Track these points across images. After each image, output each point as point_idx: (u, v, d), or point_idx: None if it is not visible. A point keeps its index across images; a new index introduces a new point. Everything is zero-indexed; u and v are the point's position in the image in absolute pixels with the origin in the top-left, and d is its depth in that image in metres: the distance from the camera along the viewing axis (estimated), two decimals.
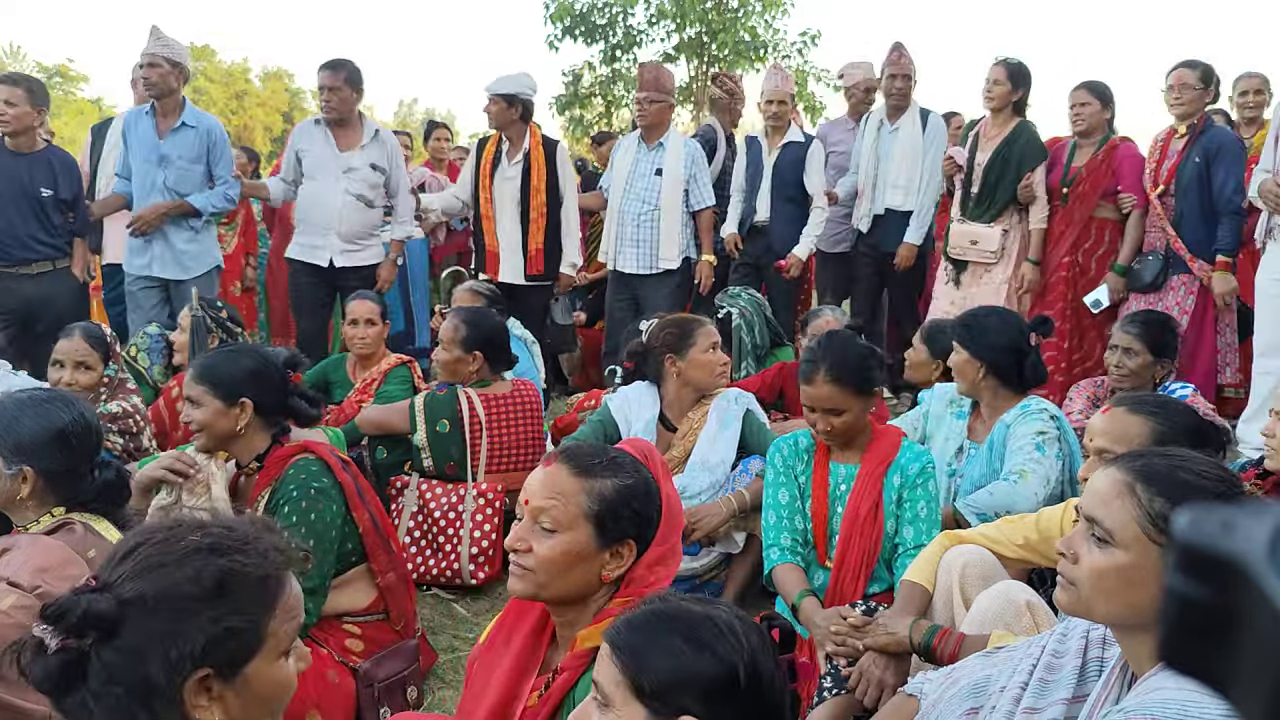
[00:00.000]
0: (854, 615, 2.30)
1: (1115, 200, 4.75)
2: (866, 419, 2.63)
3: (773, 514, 2.63)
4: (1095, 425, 2.11)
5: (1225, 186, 4.42)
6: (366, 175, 4.94)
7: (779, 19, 15.66)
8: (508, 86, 5.06)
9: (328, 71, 4.90)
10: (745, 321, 4.38)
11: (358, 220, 4.95)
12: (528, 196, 5.10)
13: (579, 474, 1.57)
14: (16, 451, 2.01)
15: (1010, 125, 4.91)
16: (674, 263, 5.19)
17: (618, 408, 3.29)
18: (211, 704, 1.17)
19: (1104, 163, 4.74)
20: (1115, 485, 1.39)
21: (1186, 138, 4.55)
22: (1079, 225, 4.80)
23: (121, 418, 3.22)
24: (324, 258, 4.94)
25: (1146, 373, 3.35)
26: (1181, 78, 4.55)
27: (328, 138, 4.94)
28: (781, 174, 5.41)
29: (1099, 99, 4.76)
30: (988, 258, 4.97)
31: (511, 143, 5.16)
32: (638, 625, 1.24)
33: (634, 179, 5.22)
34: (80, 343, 3.25)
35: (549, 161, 5.13)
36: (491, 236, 5.20)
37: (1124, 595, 1.35)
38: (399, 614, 2.54)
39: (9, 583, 1.75)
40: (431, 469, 3.43)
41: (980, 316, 3.05)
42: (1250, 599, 0.42)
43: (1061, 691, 1.50)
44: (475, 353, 3.50)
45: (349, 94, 4.89)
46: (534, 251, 5.13)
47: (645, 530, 1.60)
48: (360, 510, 2.46)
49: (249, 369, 2.44)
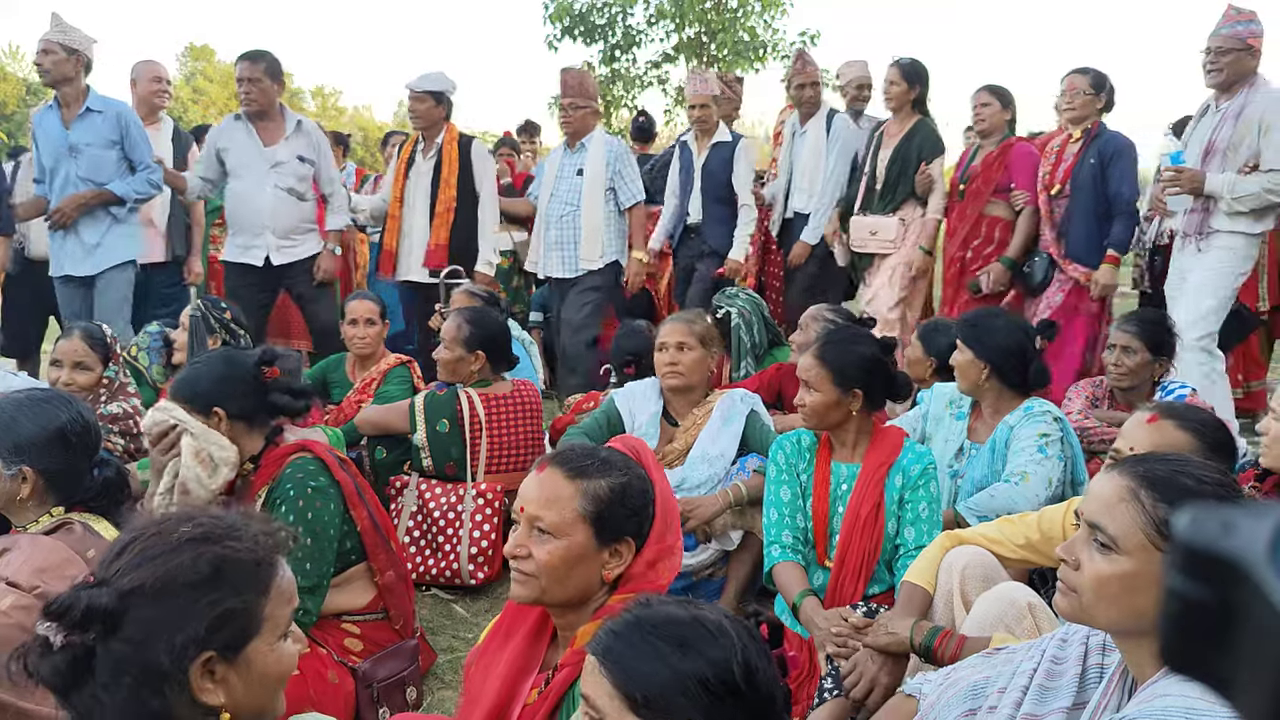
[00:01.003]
0: (855, 616, 2.30)
1: (1008, 198, 4.88)
2: (863, 420, 2.63)
3: (774, 511, 2.63)
4: (1137, 435, 2.08)
5: (1121, 188, 4.55)
6: (295, 168, 4.85)
7: (778, 19, 15.66)
8: (436, 84, 5.02)
9: (246, 62, 4.78)
10: (744, 321, 4.38)
11: (291, 215, 4.86)
12: (436, 191, 5.07)
13: (572, 476, 1.58)
14: (16, 452, 2.01)
15: (910, 122, 5.13)
16: (595, 263, 5.14)
17: (623, 401, 3.31)
18: (216, 686, 1.22)
19: (998, 161, 4.90)
20: (1118, 491, 1.38)
21: (1081, 142, 4.69)
22: (970, 221, 4.95)
23: (122, 419, 3.22)
24: (259, 256, 4.85)
25: (1145, 371, 3.35)
26: (1074, 84, 4.71)
27: (250, 133, 4.83)
28: (711, 175, 5.49)
29: (1000, 100, 4.97)
30: (887, 247, 5.15)
31: (428, 140, 5.13)
32: (622, 634, 1.20)
33: (558, 183, 5.23)
34: (79, 343, 3.24)
35: (463, 157, 5.09)
36: (392, 236, 5.16)
37: (1127, 602, 1.34)
38: (398, 613, 2.54)
39: (8, 583, 1.75)
40: (431, 469, 3.43)
41: (986, 317, 3.04)
42: (1250, 599, 0.42)
43: (1062, 700, 1.49)
44: (478, 352, 3.50)
45: (269, 85, 4.79)
46: (434, 246, 5.07)
47: (642, 526, 1.60)
48: (359, 509, 2.46)
49: (214, 377, 2.42)
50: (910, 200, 5.15)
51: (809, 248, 5.51)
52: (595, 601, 1.60)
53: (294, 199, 4.86)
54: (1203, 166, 4.07)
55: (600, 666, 1.19)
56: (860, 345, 2.65)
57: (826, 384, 2.57)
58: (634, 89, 16.11)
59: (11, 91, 36.59)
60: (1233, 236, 4.04)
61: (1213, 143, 4.08)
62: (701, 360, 3.22)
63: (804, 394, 2.61)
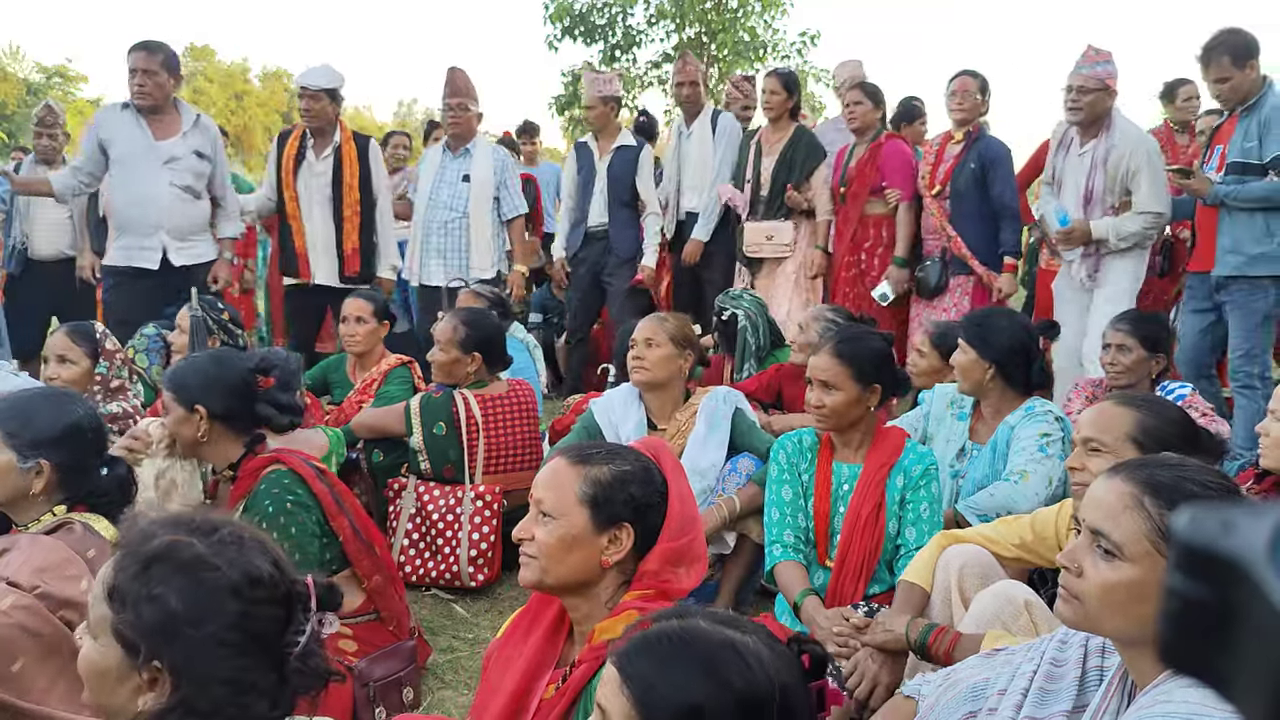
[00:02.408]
0: (856, 616, 2.30)
1: (884, 196, 4.97)
2: (870, 417, 2.64)
3: (775, 511, 2.63)
4: (1083, 417, 2.12)
5: (1004, 193, 4.72)
6: (192, 164, 4.51)
7: (778, 19, 15.69)
8: (330, 80, 4.90)
9: (141, 53, 4.43)
10: (750, 323, 4.38)
11: (188, 213, 4.52)
12: (340, 193, 4.87)
13: (576, 462, 1.63)
14: (35, 445, 2.01)
15: (790, 130, 5.27)
16: (487, 272, 5.04)
17: (601, 413, 3.25)
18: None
19: (870, 160, 5.01)
20: (1122, 498, 1.36)
21: (963, 143, 4.80)
22: (854, 222, 5.06)
23: (121, 418, 3.21)
24: (153, 259, 4.47)
25: (1142, 369, 3.35)
26: (964, 85, 4.82)
27: (141, 126, 4.46)
28: (615, 179, 5.48)
29: (871, 99, 5.07)
30: (783, 251, 5.22)
31: (319, 138, 4.93)
32: (651, 651, 1.12)
33: (439, 187, 5.08)
34: (62, 337, 3.24)
35: (361, 157, 4.93)
36: (300, 238, 4.94)
37: (1132, 609, 1.32)
38: (390, 614, 2.54)
39: (9, 582, 1.75)
40: (429, 472, 3.42)
41: (990, 317, 3.04)
42: (1250, 599, 0.42)
43: (1062, 703, 1.48)
44: (474, 354, 3.49)
45: (165, 79, 4.47)
46: (350, 251, 4.89)
47: (644, 515, 1.61)
48: (339, 519, 2.45)
49: (202, 375, 2.42)
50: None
51: (701, 245, 5.54)
52: (607, 594, 1.62)
53: (191, 197, 4.53)
54: (1085, 213, 4.29)
55: (622, 685, 1.12)
56: (873, 340, 2.68)
57: (847, 381, 2.56)
58: (634, 89, 16.13)
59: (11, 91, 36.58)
60: (1124, 260, 4.29)
61: (1090, 190, 4.30)
62: (669, 358, 3.14)
63: (822, 395, 2.58)
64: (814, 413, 2.61)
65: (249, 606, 1.19)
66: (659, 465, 1.68)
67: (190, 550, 1.19)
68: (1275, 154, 3.97)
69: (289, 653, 1.22)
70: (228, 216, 4.75)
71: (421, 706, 2.55)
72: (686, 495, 1.68)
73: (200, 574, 1.18)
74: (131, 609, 1.17)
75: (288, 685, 1.22)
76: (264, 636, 1.20)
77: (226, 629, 1.17)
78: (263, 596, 1.20)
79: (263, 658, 1.20)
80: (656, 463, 1.68)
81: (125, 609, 1.17)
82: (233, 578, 1.19)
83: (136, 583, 1.18)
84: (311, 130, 4.94)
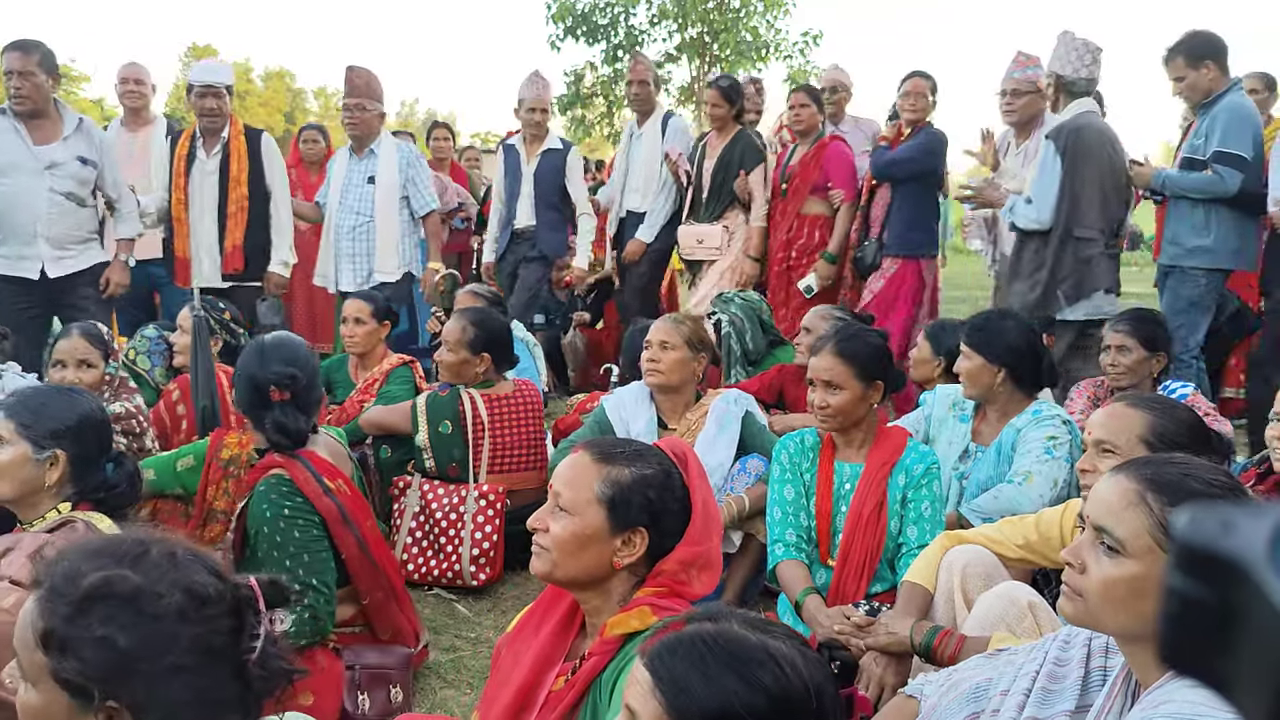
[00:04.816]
0: (858, 615, 2.30)
1: (826, 195, 5.20)
2: (871, 415, 2.64)
3: (778, 510, 2.63)
4: (1095, 419, 2.12)
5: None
6: (75, 170, 4.31)
7: (781, 19, 15.70)
8: (225, 76, 4.84)
9: (16, 53, 4.20)
10: (735, 329, 4.38)
11: (69, 222, 4.33)
12: (226, 190, 4.77)
13: (599, 460, 1.62)
14: (51, 436, 2.03)
15: (731, 133, 5.43)
16: (391, 275, 4.94)
17: (613, 409, 3.28)
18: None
19: (814, 160, 5.22)
20: (1125, 494, 1.36)
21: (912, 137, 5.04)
22: (790, 219, 5.26)
23: (125, 418, 3.22)
24: (33, 269, 4.29)
25: (1143, 368, 3.35)
26: (918, 86, 5.06)
27: (18, 131, 4.24)
28: (542, 181, 5.55)
29: (815, 102, 5.35)
30: (713, 254, 5.44)
31: (209, 136, 4.83)
32: (684, 653, 1.11)
33: (346, 190, 5.02)
34: (80, 341, 3.26)
35: (252, 152, 4.82)
36: (182, 241, 4.82)
37: (1134, 606, 1.32)
38: (385, 627, 2.55)
39: (11, 581, 1.76)
40: (434, 470, 3.43)
41: (993, 319, 3.03)
42: (1250, 599, 0.42)
43: (1065, 703, 1.48)
44: (483, 354, 3.49)
45: (43, 80, 4.24)
46: (230, 249, 4.77)
47: (661, 520, 1.61)
48: (344, 534, 2.45)
49: (241, 364, 2.58)
50: (734, 207, 5.42)
51: (644, 245, 5.60)
52: (620, 591, 1.62)
53: (73, 204, 4.34)
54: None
55: (654, 688, 1.10)
56: (871, 337, 2.69)
57: (850, 379, 2.57)
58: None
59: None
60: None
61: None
62: (684, 361, 3.17)
63: (826, 395, 2.58)
64: (819, 414, 2.61)
65: (200, 626, 1.13)
66: (684, 470, 1.66)
67: (127, 583, 1.11)
68: (1215, 149, 4.07)
69: (248, 659, 1.18)
70: (124, 218, 4.57)
71: (423, 707, 2.55)
72: (709, 503, 1.68)
73: (143, 607, 1.11)
74: (74, 655, 1.09)
75: (252, 691, 1.19)
76: (220, 650, 1.16)
77: (182, 654, 1.11)
78: (212, 613, 1.15)
79: (223, 671, 1.16)
80: (681, 467, 1.67)
81: (66, 655, 1.09)
82: (178, 601, 1.12)
83: (74, 627, 1.10)
84: (203, 129, 4.85)
